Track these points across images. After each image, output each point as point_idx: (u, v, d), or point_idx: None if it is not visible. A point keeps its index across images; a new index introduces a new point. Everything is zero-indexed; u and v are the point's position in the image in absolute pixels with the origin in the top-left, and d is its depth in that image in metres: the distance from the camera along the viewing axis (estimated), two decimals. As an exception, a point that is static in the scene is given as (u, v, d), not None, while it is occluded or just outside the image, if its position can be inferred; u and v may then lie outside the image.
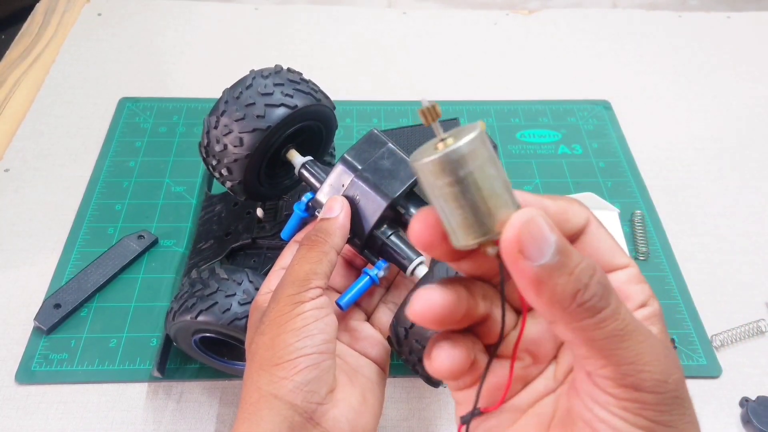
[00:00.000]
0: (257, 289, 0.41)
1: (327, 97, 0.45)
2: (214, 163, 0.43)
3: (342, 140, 0.63)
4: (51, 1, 0.82)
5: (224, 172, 0.43)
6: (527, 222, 0.18)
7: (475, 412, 0.24)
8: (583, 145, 0.67)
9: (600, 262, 0.23)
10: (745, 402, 0.47)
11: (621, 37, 0.82)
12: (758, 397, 0.47)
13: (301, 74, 0.45)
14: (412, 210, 0.40)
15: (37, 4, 0.82)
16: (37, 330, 0.50)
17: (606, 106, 0.72)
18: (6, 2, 0.87)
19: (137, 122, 0.67)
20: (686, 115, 0.72)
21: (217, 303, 0.41)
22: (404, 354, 0.37)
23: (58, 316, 0.50)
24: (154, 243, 0.56)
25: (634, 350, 0.19)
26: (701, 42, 0.81)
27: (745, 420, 0.47)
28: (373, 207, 0.38)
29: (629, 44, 0.81)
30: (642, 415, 0.20)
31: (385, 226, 0.39)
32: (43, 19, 0.80)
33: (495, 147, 0.55)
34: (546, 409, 0.24)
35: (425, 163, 0.19)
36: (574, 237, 0.23)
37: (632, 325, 0.19)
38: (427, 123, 0.19)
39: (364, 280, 0.38)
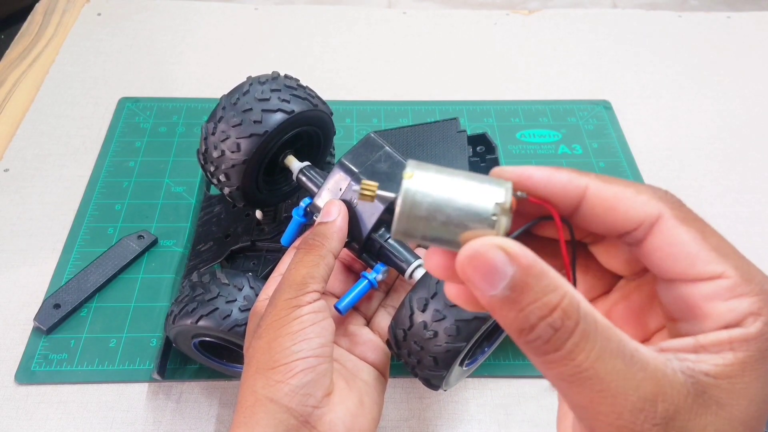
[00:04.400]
0: (258, 294, 0.41)
1: (324, 103, 0.45)
2: (212, 169, 0.44)
3: (342, 140, 0.63)
4: (51, 1, 0.82)
5: (222, 178, 0.43)
6: (471, 256, 0.18)
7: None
8: (583, 145, 0.67)
9: (672, 270, 0.19)
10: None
11: (621, 37, 0.82)
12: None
13: (298, 80, 0.45)
14: None
15: (37, 4, 0.82)
16: (36, 330, 0.50)
17: (606, 106, 0.72)
18: (6, 2, 0.87)
19: (137, 122, 0.67)
20: (686, 115, 0.72)
21: (217, 309, 0.41)
22: (403, 356, 0.37)
23: (58, 316, 0.50)
24: (154, 243, 0.56)
25: (586, 397, 0.17)
26: (701, 42, 0.81)
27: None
28: (371, 210, 0.38)
29: (629, 44, 0.80)
30: None
31: (383, 229, 0.39)
32: (43, 19, 0.80)
33: (496, 147, 0.55)
34: None
35: (393, 231, 0.19)
36: (633, 232, 0.20)
37: (589, 372, 0.17)
38: (372, 199, 0.20)
39: (362, 284, 0.38)
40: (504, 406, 0.47)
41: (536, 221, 0.21)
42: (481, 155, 0.55)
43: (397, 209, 0.18)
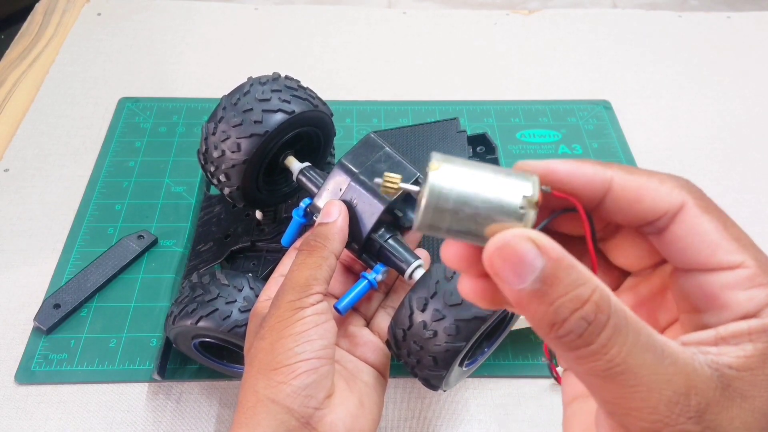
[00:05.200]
0: (258, 295, 0.41)
1: (324, 104, 0.46)
2: (212, 169, 0.44)
3: (342, 140, 0.63)
4: (51, 1, 0.82)
5: (222, 178, 0.43)
6: (501, 248, 0.17)
7: None
8: (583, 145, 0.67)
9: (693, 259, 0.19)
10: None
11: (621, 37, 0.82)
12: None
13: (298, 81, 0.45)
14: (410, 213, 0.40)
15: (37, 4, 0.82)
16: (36, 330, 0.50)
17: (606, 106, 0.72)
18: (6, 2, 0.87)
19: (137, 122, 0.67)
20: (686, 115, 0.72)
21: (217, 309, 0.41)
22: (402, 356, 0.37)
23: (58, 316, 0.50)
24: (154, 243, 0.56)
25: (619, 393, 0.17)
26: (701, 42, 0.81)
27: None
28: (371, 210, 0.38)
29: (629, 44, 0.80)
30: None
31: (382, 229, 0.39)
32: (43, 19, 0.80)
33: (496, 147, 0.55)
34: None
35: (418, 223, 0.18)
36: (656, 222, 0.20)
37: (622, 367, 0.17)
38: (395, 192, 0.19)
39: (362, 284, 0.38)
40: (504, 406, 0.47)
41: (559, 213, 0.20)
42: (481, 155, 0.55)
43: (423, 201, 0.18)
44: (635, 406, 0.17)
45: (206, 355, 0.45)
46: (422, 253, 0.42)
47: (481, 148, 0.56)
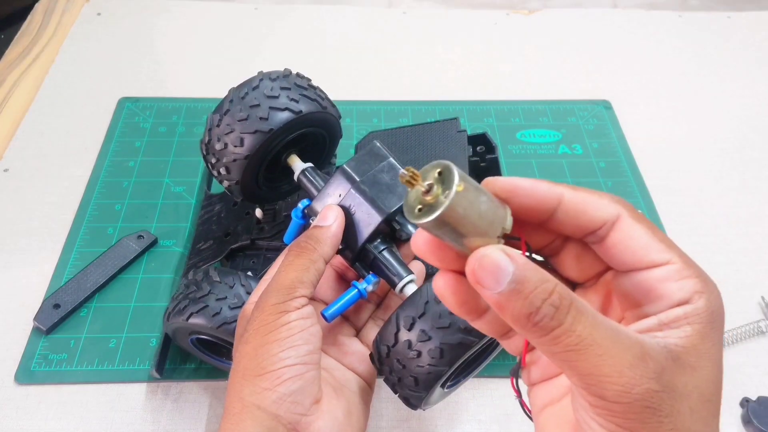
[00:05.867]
0: (249, 293, 0.41)
1: (333, 106, 0.45)
2: (213, 161, 0.43)
3: (342, 140, 0.63)
4: (50, 1, 0.82)
5: (222, 171, 0.43)
6: (480, 259, 0.21)
7: (519, 368, 0.27)
8: (583, 145, 0.67)
9: (631, 260, 0.23)
10: (745, 402, 0.47)
11: (621, 37, 0.82)
12: (759, 398, 0.47)
13: (309, 80, 0.44)
14: (409, 227, 0.40)
15: (37, 4, 0.82)
16: (36, 330, 0.50)
17: (606, 106, 0.72)
18: (5, 2, 0.87)
19: (137, 122, 0.67)
20: (686, 115, 0.72)
21: (207, 306, 0.41)
22: (384, 372, 0.36)
23: (58, 317, 0.50)
24: (154, 243, 0.56)
25: (591, 363, 0.20)
26: (701, 42, 0.81)
27: (746, 420, 0.47)
28: (368, 220, 0.38)
29: (629, 44, 0.80)
30: (612, 421, 0.21)
31: (378, 240, 0.38)
32: (43, 18, 0.80)
33: (496, 147, 0.55)
34: None
35: (425, 222, 0.21)
36: (598, 231, 0.23)
37: (589, 340, 0.20)
38: (413, 186, 0.21)
39: (351, 293, 0.37)
40: (504, 406, 0.47)
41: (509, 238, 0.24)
42: (481, 155, 0.55)
43: (435, 216, 0.20)
44: (606, 372, 0.20)
45: (204, 351, 0.45)
46: (417, 265, 0.41)
47: (481, 148, 0.56)
